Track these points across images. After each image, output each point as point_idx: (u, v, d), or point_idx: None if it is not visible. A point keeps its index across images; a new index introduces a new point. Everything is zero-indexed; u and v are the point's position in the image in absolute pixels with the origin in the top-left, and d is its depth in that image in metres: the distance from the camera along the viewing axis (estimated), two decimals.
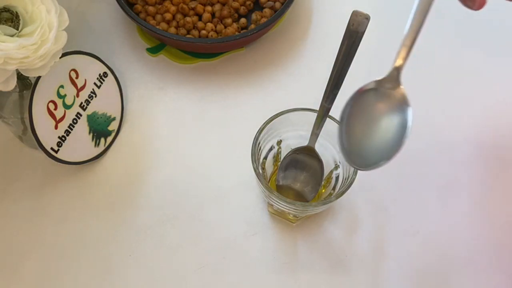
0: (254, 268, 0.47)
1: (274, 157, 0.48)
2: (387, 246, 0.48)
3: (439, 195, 0.51)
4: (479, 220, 0.49)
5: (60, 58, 0.44)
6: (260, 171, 0.44)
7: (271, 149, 0.48)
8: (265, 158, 0.47)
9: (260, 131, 0.44)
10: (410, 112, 0.35)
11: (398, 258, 0.47)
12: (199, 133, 0.54)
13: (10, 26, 0.40)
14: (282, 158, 0.48)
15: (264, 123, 0.44)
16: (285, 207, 0.43)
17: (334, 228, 0.49)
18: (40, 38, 0.40)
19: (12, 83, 0.41)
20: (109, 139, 0.53)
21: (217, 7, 0.60)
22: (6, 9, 0.41)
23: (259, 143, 0.44)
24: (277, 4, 0.60)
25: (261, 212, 0.50)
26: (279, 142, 0.48)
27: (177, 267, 0.47)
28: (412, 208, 0.50)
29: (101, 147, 0.52)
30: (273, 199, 0.42)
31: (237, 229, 0.49)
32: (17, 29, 0.40)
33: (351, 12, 0.36)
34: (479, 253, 0.48)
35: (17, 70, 0.41)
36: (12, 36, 0.40)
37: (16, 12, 0.41)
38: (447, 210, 0.50)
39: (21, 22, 0.41)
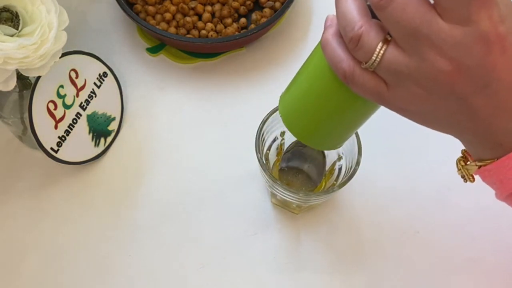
0: (256, 266, 0.47)
1: (277, 148, 0.48)
2: (387, 246, 0.48)
3: (439, 195, 0.51)
4: (479, 219, 0.49)
5: (60, 58, 0.44)
6: (264, 162, 0.44)
7: (274, 140, 0.48)
8: (269, 149, 0.47)
9: (264, 121, 0.44)
10: None
11: (398, 258, 0.47)
12: (199, 133, 0.54)
13: (10, 26, 0.40)
14: (285, 149, 0.48)
15: (268, 114, 0.44)
16: (288, 196, 0.43)
17: (335, 228, 0.49)
18: (40, 38, 0.40)
19: (12, 83, 0.41)
20: (109, 139, 0.53)
21: (217, 7, 0.60)
22: (6, 9, 0.41)
23: (263, 134, 0.44)
24: (277, 4, 0.60)
25: (261, 212, 0.50)
26: (282, 133, 0.47)
27: (177, 267, 0.47)
28: (412, 208, 0.50)
29: (101, 147, 0.52)
30: (276, 188, 0.42)
31: (237, 229, 0.49)
32: (17, 29, 0.40)
33: None
34: (479, 253, 0.48)
35: (17, 70, 0.41)
36: (12, 36, 0.40)
37: (16, 12, 0.41)
38: (447, 210, 0.50)
39: (21, 22, 0.41)
